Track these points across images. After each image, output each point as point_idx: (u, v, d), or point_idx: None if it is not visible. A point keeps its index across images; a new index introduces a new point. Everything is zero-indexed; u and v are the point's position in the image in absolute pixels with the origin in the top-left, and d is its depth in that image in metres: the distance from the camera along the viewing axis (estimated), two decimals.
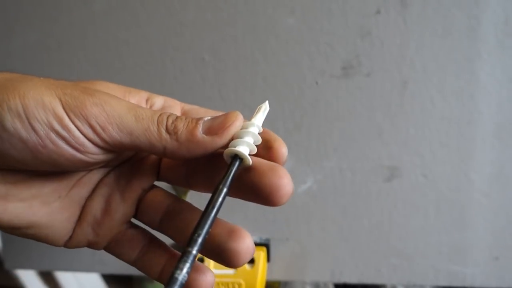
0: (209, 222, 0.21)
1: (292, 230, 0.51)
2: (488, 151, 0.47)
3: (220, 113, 0.23)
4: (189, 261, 0.20)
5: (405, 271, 0.51)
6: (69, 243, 0.25)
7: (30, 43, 0.49)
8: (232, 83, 0.48)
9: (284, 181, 0.21)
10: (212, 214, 0.21)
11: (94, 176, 0.25)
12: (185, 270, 0.20)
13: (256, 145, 0.23)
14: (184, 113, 0.27)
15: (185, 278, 0.20)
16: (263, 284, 0.50)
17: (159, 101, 0.27)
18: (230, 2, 0.46)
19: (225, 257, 0.22)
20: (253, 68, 0.47)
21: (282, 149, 0.23)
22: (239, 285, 0.48)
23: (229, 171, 0.21)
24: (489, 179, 0.48)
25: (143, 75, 0.49)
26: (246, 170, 0.22)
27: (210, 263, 0.49)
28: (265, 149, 0.23)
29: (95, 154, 0.22)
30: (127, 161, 0.26)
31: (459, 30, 0.45)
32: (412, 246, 0.50)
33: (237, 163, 0.22)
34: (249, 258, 0.22)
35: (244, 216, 0.51)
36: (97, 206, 0.25)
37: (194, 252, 0.20)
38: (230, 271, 0.49)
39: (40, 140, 0.20)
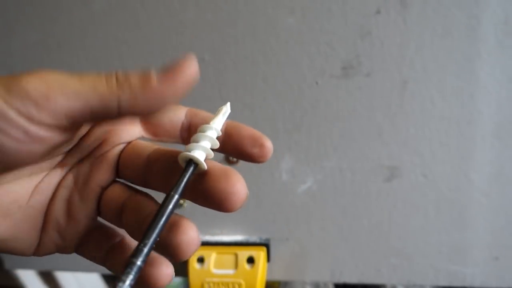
0: (156, 231, 0.20)
1: (292, 230, 0.51)
2: (488, 151, 0.47)
3: (181, 108, 0.24)
4: (133, 272, 0.19)
5: (405, 271, 0.51)
6: (38, 252, 0.24)
7: (30, 43, 0.49)
8: (232, 83, 0.48)
9: (237, 187, 0.20)
10: (161, 223, 0.20)
11: (52, 180, 0.24)
12: (127, 282, 0.19)
13: (237, 145, 0.22)
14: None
15: None
16: (263, 284, 0.50)
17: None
18: (230, 2, 0.46)
19: (168, 252, 0.21)
20: (253, 68, 0.47)
21: (270, 145, 0.22)
22: (239, 285, 0.48)
23: (182, 176, 0.21)
24: (489, 179, 0.48)
25: None
26: (200, 175, 0.21)
27: (210, 263, 0.49)
28: (257, 147, 0.22)
29: (47, 134, 0.20)
30: (84, 159, 0.24)
31: (459, 30, 0.45)
32: (412, 246, 0.50)
33: (191, 169, 0.21)
34: (193, 250, 0.21)
35: (244, 216, 0.51)
36: (59, 210, 0.24)
37: (138, 263, 0.19)
38: (230, 271, 0.49)
39: None
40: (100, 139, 0.24)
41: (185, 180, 0.21)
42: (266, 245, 0.50)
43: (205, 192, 0.21)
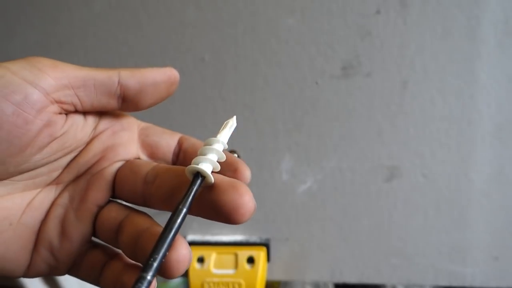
0: (165, 245, 0.19)
1: (292, 230, 0.51)
2: (488, 151, 0.47)
3: (176, 134, 0.25)
4: (143, 287, 0.19)
5: (405, 271, 0.51)
6: (29, 273, 0.23)
7: (30, 43, 0.49)
8: (232, 83, 0.48)
9: (245, 199, 0.20)
10: (170, 237, 0.19)
11: (46, 197, 0.24)
12: None
13: (220, 162, 0.22)
14: (142, 130, 0.26)
15: None
16: (263, 284, 0.50)
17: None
18: (230, 2, 0.46)
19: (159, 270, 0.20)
20: (253, 68, 0.47)
21: (246, 171, 0.22)
22: (239, 285, 0.48)
23: (190, 190, 0.20)
24: (489, 179, 0.48)
25: None
26: (207, 188, 0.21)
27: (210, 263, 0.49)
28: (230, 172, 0.22)
29: (46, 106, 0.21)
30: (80, 177, 0.24)
31: (459, 30, 0.45)
32: (412, 246, 0.50)
33: (198, 182, 0.21)
34: (184, 268, 0.20)
35: None
36: (52, 229, 0.23)
37: (149, 277, 0.19)
38: (230, 271, 0.49)
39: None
40: (97, 155, 0.24)
41: (192, 193, 0.20)
42: (266, 245, 0.50)
43: (212, 204, 0.20)
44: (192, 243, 0.50)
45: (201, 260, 0.49)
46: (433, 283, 0.51)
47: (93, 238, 0.25)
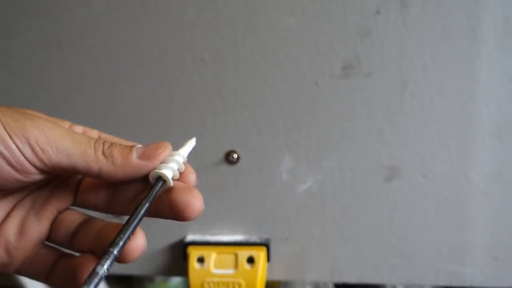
0: (131, 229, 0.23)
1: (292, 230, 0.51)
2: (488, 151, 0.47)
3: (130, 143, 0.26)
4: (110, 259, 0.22)
5: (405, 271, 0.51)
6: None
7: (30, 43, 0.49)
8: (232, 83, 0.48)
9: (196, 200, 0.24)
10: (135, 223, 0.23)
11: (11, 200, 0.25)
12: (105, 266, 0.22)
13: (180, 172, 0.26)
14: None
15: (105, 273, 0.22)
16: (263, 284, 0.50)
17: (78, 128, 0.28)
18: (230, 2, 0.46)
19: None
20: (253, 68, 0.47)
21: (191, 175, 0.26)
22: (239, 285, 0.48)
23: (153, 190, 0.24)
24: (489, 179, 0.48)
25: (143, 75, 0.49)
26: (166, 192, 0.25)
27: (210, 263, 0.49)
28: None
29: (32, 174, 0.23)
30: (45, 185, 0.26)
31: (459, 30, 0.45)
32: (412, 246, 0.50)
33: (160, 184, 0.24)
34: (137, 256, 0.24)
35: (244, 216, 0.51)
36: (11, 227, 0.25)
37: (115, 252, 0.22)
38: (230, 271, 0.49)
39: None
40: None
41: (154, 192, 0.24)
42: (266, 245, 0.50)
43: (169, 202, 0.24)
44: (192, 243, 0.50)
45: (201, 260, 0.49)
46: (433, 283, 0.51)
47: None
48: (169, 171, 0.25)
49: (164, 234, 0.52)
